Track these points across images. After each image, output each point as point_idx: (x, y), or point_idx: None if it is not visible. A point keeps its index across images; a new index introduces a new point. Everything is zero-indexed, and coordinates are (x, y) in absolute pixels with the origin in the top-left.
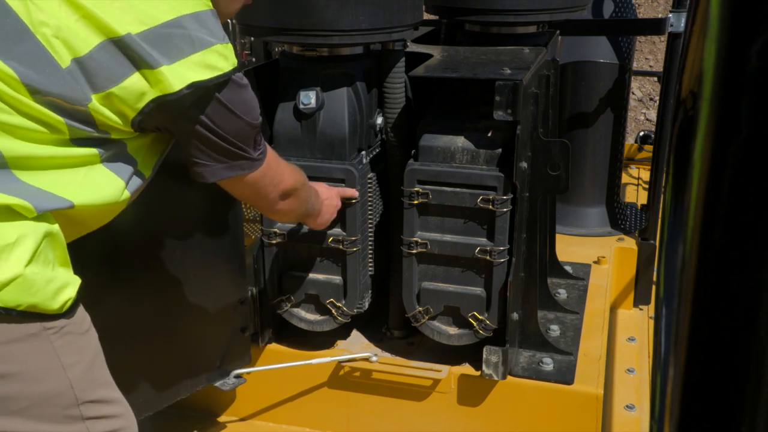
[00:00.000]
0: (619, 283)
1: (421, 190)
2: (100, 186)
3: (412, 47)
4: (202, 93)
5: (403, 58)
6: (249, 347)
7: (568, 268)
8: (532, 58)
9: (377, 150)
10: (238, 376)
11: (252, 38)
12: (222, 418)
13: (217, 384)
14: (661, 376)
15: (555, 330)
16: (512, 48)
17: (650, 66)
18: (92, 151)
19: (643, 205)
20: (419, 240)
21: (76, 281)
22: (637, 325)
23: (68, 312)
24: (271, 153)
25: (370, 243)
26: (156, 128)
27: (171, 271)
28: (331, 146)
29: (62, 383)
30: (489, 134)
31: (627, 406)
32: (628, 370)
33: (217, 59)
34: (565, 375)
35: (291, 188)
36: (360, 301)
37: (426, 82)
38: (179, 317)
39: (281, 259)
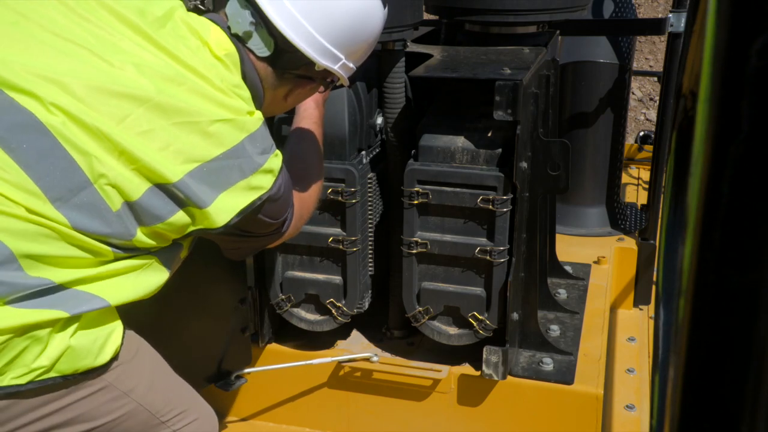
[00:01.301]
0: (619, 283)
1: (421, 190)
2: (149, 282)
3: (412, 47)
4: (244, 214)
5: (403, 58)
6: (249, 347)
7: (568, 268)
8: (532, 58)
9: (377, 150)
10: (238, 377)
11: None
12: (222, 418)
13: (218, 384)
14: (660, 376)
15: (555, 330)
16: (512, 48)
17: (650, 66)
18: (143, 260)
19: (643, 205)
20: (419, 240)
21: (119, 326)
22: (637, 325)
23: (117, 355)
24: (296, 207)
25: (370, 243)
26: None
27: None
28: (331, 146)
29: (130, 404)
30: (489, 134)
31: (627, 406)
32: (628, 370)
33: (263, 179)
34: (565, 375)
35: (309, 215)
36: (360, 301)
37: (426, 82)
38: (179, 318)
39: (281, 259)
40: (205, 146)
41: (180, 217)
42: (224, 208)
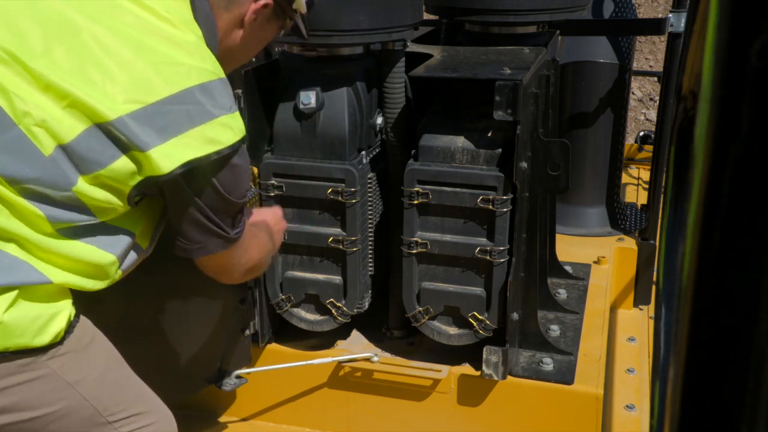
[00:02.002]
0: (619, 283)
1: (421, 190)
2: (95, 265)
3: (412, 47)
4: (195, 169)
5: (403, 58)
6: (249, 347)
7: (568, 268)
8: (532, 58)
9: (377, 150)
10: (238, 377)
11: None
12: (222, 418)
13: (218, 384)
14: (660, 376)
15: (555, 330)
16: (512, 48)
17: (650, 66)
18: (87, 237)
19: (643, 205)
20: (419, 240)
21: (67, 307)
22: (637, 325)
23: (61, 340)
24: (246, 230)
25: (370, 243)
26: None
27: (171, 272)
28: (331, 146)
29: (74, 398)
30: (489, 134)
31: (627, 406)
32: (628, 370)
33: (220, 132)
34: (565, 375)
35: (257, 263)
36: (360, 301)
37: (426, 82)
38: (179, 318)
39: (281, 259)
40: (149, 87)
41: (123, 163)
42: (171, 154)
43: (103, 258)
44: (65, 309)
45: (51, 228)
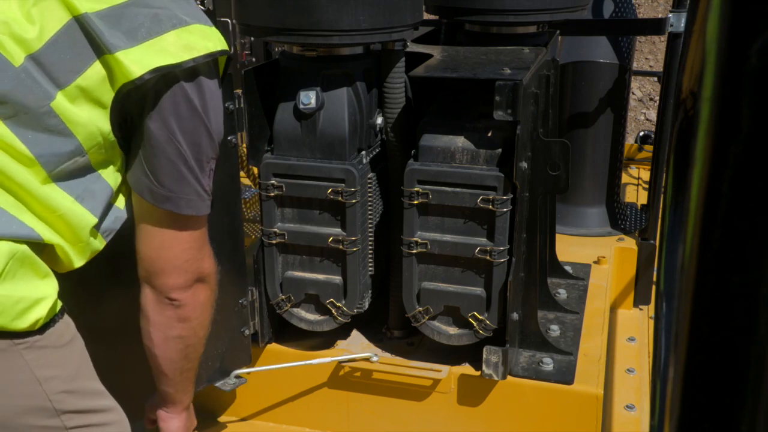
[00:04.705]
0: (619, 283)
1: (421, 190)
2: (84, 216)
3: (412, 47)
4: (167, 80)
5: (403, 58)
6: (249, 347)
7: (568, 268)
8: (532, 58)
9: (377, 150)
10: (238, 376)
11: (252, 38)
12: (222, 418)
13: (218, 384)
14: (660, 376)
15: (555, 330)
16: (512, 48)
17: (650, 66)
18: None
19: (643, 205)
20: (419, 240)
21: (51, 296)
22: (637, 325)
23: (41, 329)
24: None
25: (370, 243)
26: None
27: None
28: (331, 146)
29: (38, 397)
30: (489, 134)
31: (627, 406)
32: (628, 370)
33: (197, 40)
34: (565, 375)
35: (209, 272)
36: (360, 301)
37: (426, 82)
38: None
39: (281, 259)
40: None
41: (97, 69)
42: (140, 59)
43: (84, 218)
44: (49, 298)
45: (39, 170)
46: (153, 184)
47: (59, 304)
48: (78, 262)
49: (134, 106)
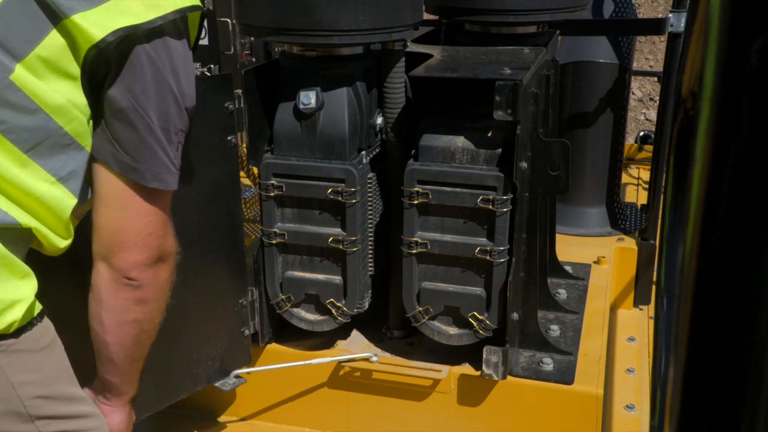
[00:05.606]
0: (619, 283)
1: (421, 190)
2: (63, 201)
3: (412, 47)
4: (129, 41)
5: (403, 58)
6: (249, 347)
7: (568, 268)
8: (532, 58)
9: (377, 150)
10: (238, 376)
11: (252, 38)
12: (222, 418)
13: (218, 384)
14: (661, 376)
15: (555, 330)
16: (512, 48)
17: (650, 66)
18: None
19: (643, 205)
20: (419, 240)
21: (29, 298)
22: (637, 325)
23: (16, 332)
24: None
25: (370, 243)
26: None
27: None
28: (331, 146)
29: (12, 402)
30: (489, 134)
31: (627, 406)
32: (628, 370)
33: (154, 3)
34: (565, 375)
35: (171, 250)
36: (360, 301)
37: (426, 82)
38: (179, 317)
39: (281, 259)
40: None
41: (55, 38)
42: (99, 21)
43: (64, 201)
44: (26, 300)
45: (12, 149)
46: (117, 151)
47: (38, 307)
48: (62, 243)
49: (99, 72)
